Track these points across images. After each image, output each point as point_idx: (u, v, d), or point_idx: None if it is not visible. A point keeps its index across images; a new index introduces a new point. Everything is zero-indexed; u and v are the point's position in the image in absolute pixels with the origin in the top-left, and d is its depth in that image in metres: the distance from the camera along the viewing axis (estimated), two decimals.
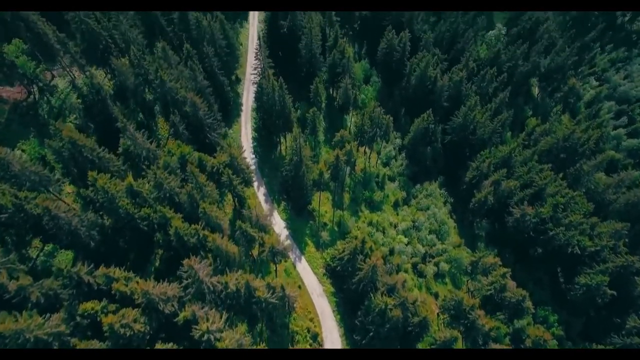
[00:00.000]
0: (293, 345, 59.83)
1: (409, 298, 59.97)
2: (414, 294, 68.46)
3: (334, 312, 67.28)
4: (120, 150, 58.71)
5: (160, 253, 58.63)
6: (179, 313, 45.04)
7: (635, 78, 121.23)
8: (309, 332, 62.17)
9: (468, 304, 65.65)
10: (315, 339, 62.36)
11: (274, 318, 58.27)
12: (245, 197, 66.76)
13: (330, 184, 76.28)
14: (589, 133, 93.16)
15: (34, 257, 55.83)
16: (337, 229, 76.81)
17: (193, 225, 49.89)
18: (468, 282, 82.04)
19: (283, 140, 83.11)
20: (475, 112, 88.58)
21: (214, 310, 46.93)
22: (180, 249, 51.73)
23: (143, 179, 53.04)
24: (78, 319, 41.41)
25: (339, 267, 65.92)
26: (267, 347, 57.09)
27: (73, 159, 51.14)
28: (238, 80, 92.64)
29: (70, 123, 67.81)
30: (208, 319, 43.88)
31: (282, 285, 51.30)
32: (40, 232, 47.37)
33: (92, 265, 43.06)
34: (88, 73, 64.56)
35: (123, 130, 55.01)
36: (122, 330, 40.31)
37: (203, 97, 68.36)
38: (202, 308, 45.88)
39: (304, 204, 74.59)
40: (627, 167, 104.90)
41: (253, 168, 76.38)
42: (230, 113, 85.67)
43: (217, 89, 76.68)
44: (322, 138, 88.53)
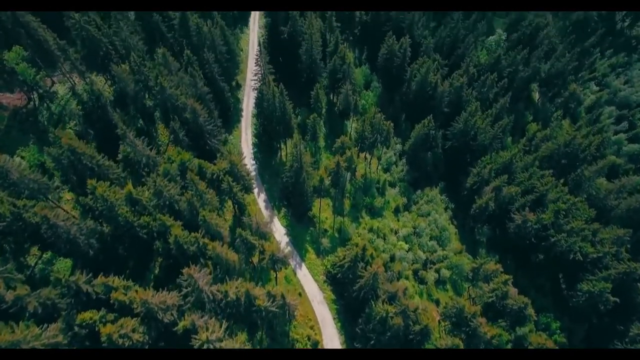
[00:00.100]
0: None
1: (410, 306, 59.59)
2: (415, 302, 68.08)
3: (335, 319, 66.82)
4: (120, 157, 58.41)
5: (160, 261, 58.20)
6: (179, 322, 44.63)
7: (636, 83, 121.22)
8: (310, 339, 61.72)
9: (470, 312, 65.20)
10: (316, 347, 61.91)
11: (274, 326, 57.85)
12: (246, 204, 66.45)
13: (331, 190, 76.04)
14: (590, 139, 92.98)
15: (33, 264, 55.40)
16: (337, 236, 76.39)
17: (193, 234, 49.53)
18: (469, 288, 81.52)
19: (283, 146, 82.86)
20: (476, 117, 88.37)
21: (214, 319, 46.54)
22: (180, 257, 51.38)
23: (143, 187, 52.69)
24: (76, 329, 40.96)
25: (340, 274, 65.60)
26: None
27: (72, 167, 50.85)
28: (238, 86, 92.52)
29: (70, 129, 67.63)
30: (208, 329, 43.48)
31: (282, 294, 50.93)
32: (39, 240, 46.92)
33: (90, 275, 42.67)
34: (88, 80, 64.40)
35: (123, 138, 54.82)
36: (120, 341, 39.92)
37: (203, 103, 68.23)
38: (201, 317, 45.46)
39: (305, 211, 74.24)
40: (628, 172, 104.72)
41: (253, 174, 76.08)
42: (231, 119, 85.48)
43: (217, 95, 76.56)
44: (322, 144, 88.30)
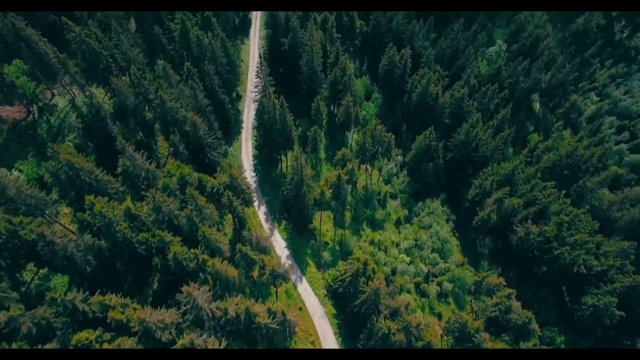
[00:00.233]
0: None
1: (413, 322, 58.64)
2: (418, 317, 66.97)
3: (336, 334, 65.76)
4: (119, 171, 57.87)
5: (159, 276, 57.35)
6: (177, 341, 43.77)
7: (636, 93, 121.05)
8: None
9: (473, 327, 64.05)
10: None
11: (275, 342, 56.72)
12: (246, 217, 65.77)
13: (332, 203, 75.38)
14: (592, 150, 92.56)
15: (29, 280, 54.58)
16: (338, 249, 75.54)
17: (192, 250, 48.81)
18: (472, 301, 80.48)
19: (284, 158, 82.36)
20: (477, 129, 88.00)
21: (213, 337, 45.66)
22: (179, 273, 50.61)
23: (142, 202, 52.07)
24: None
25: (341, 288, 64.58)
26: None
27: (70, 181, 50.25)
28: (239, 97, 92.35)
29: (69, 142, 67.20)
30: (207, 347, 42.57)
31: (282, 311, 50.05)
32: (35, 257, 46.18)
33: (87, 293, 41.83)
34: (88, 92, 64.17)
35: (122, 152, 54.33)
36: None
37: (203, 115, 67.87)
38: (200, 335, 44.55)
39: (305, 224, 73.46)
40: (630, 182, 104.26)
41: (253, 187, 75.53)
42: (231, 130, 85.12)
43: (217, 107, 76.22)
44: (323, 155, 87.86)
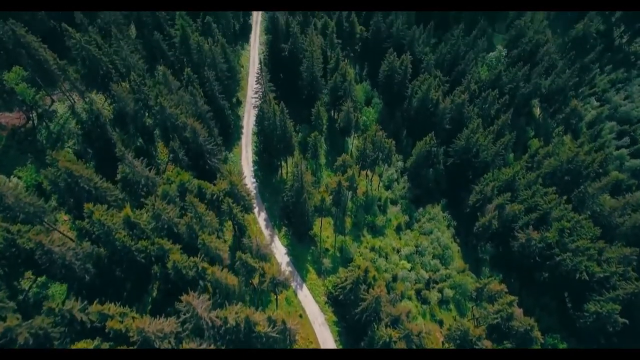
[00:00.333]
0: None
1: (414, 330, 58.10)
2: (419, 325, 66.37)
3: (336, 342, 65.27)
4: (119, 177, 57.54)
5: (158, 284, 56.88)
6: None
7: (636, 99, 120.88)
8: None
9: (474, 334, 63.70)
10: None
11: None
12: (246, 224, 65.38)
13: (332, 209, 75.05)
14: (593, 156, 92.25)
15: (27, 288, 54.06)
16: (339, 255, 75.10)
17: (192, 258, 48.37)
18: (473, 308, 79.94)
19: (284, 164, 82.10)
20: (478, 134, 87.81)
21: (213, 347, 45.15)
22: (179, 282, 50.17)
23: (141, 210, 51.69)
24: None
25: (341, 295, 64.16)
26: None
27: (69, 189, 49.88)
28: (239, 103, 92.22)
29: (69, 149, 66.95)
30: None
31: (283, 319, 49.54)
32: (33, 265, 45.76)
33: (85, 302, 41.38)
34: (88, 99, 63.96)
35: (122, 159, 54.03)
36: None
37: (203, 122, 67.64)
38: (200, 345, 44.06)
39: (306, 230, 73.07)
40: (631, 187, 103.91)
41: (253, 193, 75.18)
42: (231, 136, 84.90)
43: (217, 113, 76.07)
44: (323, 161, 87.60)
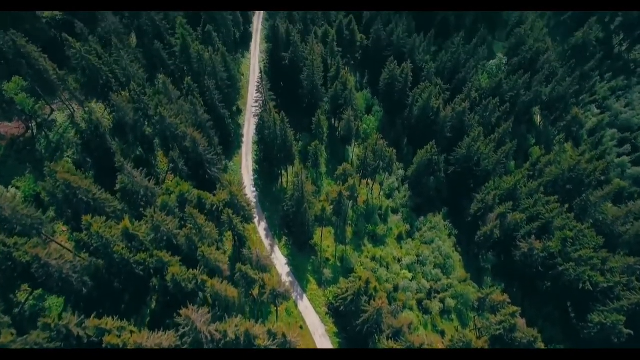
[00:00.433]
0: None
1: (416, 342, 57.15)
2: (421, 336, 65.52)
3: None
4: (118, 188, 57.05)
5: (157, 297, 56.13)
6: None
7: (636, 106, 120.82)
8: None
9: (476, 345, 62.66)
10: None
11: None
12: (246, 235, 64.75)
13: (333, 219, 74.47)
14: (595, 164, 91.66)
15: (23, 301, 53.33)
16: (339, 265, 74.36)
17: (191, 271, 47.70)
18: (475, 318, 78.90)
19: (284, 173, 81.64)
20: (479, 143, 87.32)
21: None
22: (178, 294, 49.46)
23: (140, 221, 51.09)
24: None
25: (342, 307, 63.35)
26: None
27: (67, 201, 49.36)
28: (239, 111, 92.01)
29: (68, 158, 66.56)
30: None
31: (283, 332, 48.78)
32: (30, 278, 45.04)
33: (82, 317, 40.60)
34: (87, 108, 63.70)
35: (121, 169, 53.59)
36: None
37: (203, 131, 67.29)
38: None
39: (306, 240, 72.43)
40: (633, 195, 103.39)
41: (254, 202, 74.67)
42: (231, 145, 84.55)
43: (218, 122, 75.77)
44: (324, 170, 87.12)
